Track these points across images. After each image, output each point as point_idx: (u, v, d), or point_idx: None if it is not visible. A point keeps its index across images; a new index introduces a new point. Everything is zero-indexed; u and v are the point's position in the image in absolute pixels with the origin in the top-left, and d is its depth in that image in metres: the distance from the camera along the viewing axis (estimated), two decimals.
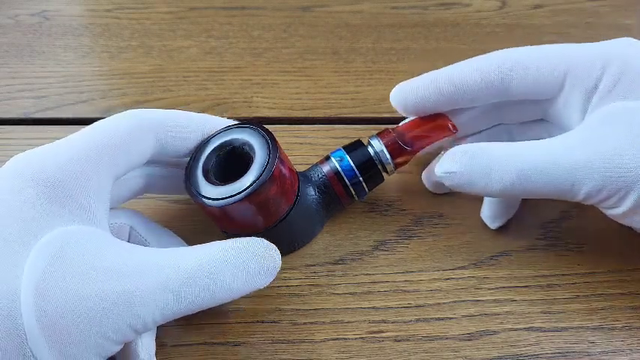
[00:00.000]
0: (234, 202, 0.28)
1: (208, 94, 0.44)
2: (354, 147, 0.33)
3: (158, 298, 0.25)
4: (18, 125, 0.42)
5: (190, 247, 0.27)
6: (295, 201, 0.31)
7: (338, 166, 0.33)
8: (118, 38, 0.49)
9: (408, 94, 0.33)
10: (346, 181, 0.33)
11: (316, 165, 0.34)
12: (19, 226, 0.25)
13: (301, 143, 0.39)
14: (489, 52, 0.33)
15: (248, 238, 0.28)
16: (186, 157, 0.31)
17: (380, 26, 0.50)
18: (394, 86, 0.34)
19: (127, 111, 0.29)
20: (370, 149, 0.33)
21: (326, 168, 0.33)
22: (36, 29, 0.50)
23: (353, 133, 0.40)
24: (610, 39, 0.33)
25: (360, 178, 0.33)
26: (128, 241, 0.30)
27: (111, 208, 0.30)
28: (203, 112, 0.43)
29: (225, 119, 0.32)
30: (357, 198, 0.33)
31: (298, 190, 0.31)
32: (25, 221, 0.25)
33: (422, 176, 0.36)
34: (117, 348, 0.25)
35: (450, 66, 0.33)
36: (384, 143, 0.33)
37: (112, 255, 0.25)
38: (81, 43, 0.49)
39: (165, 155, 0.30)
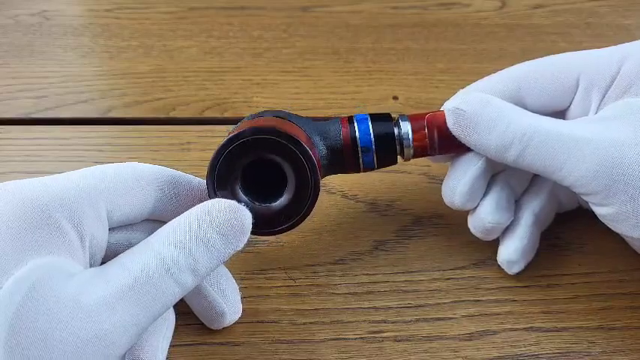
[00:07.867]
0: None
1: (208, 94, 0.44)
2: (381, 117, 0.31)
3: (125, 324, 0.24)
4: (18, 125, 0.41)
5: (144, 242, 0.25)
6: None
7: (357, 129, 0.31)
8: (117, 38, 0.49)
9: None
10: (359, 146, 0.31)
11: (336, 120, 0.32)
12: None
13: None
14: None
15: (204, 203, 0.26)
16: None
17: (380, 26, 0.50)
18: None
19: (129, 162, 0.28)
20: (396, 128, 0.31)
21: (345, 129, 0.31)
22: (36, 29, 0.50)
23: None
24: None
25: (373, 148, 0.31)
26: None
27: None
28: (203, 112, 0.43)
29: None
30: (361, 168, 0.31)
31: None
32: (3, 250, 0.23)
33: (469, 223, 0.33)
34: None
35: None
36: (412, 128, 0.31)
37: (81, 291, 0.24)
38: (81, 43, 0.49)
39: (164, 213, 0.29)
